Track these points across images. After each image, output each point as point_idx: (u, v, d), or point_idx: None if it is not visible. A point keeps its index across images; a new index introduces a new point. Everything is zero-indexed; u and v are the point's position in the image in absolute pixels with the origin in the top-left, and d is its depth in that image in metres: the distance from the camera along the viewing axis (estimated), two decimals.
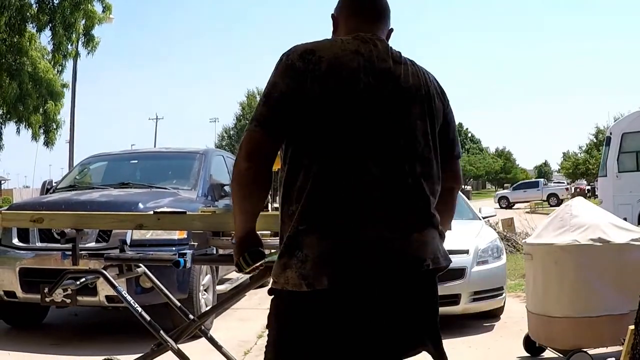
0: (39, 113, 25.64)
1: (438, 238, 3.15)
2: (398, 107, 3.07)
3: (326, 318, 2.89)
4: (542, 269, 7.31)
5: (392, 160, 3.01)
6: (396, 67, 3.13)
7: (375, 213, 2.94)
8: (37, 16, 23.97)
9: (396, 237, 2.95)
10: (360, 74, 3.00)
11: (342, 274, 2.86)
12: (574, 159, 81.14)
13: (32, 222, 5.86)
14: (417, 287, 3.06)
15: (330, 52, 3.04)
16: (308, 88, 2.96)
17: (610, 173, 18.15)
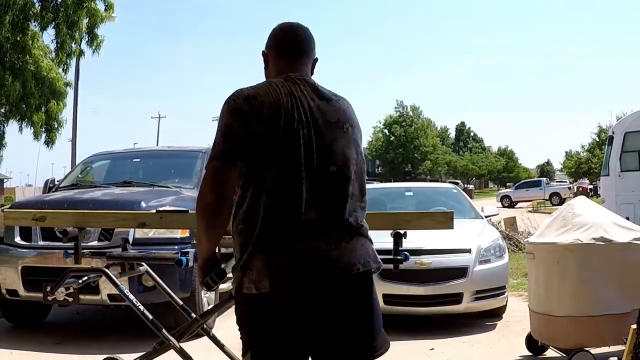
0: (41, 112, 25.63)
1: (368, 244, 3.67)
2: (328, 139, 3.57)
3: (272, 315, 3.46)
4: (545, 268, 7.31)
5: (325, 186, 3.54)
6: (323, 104, 3.64)
7: (309, 229, 3.47)
8: (40, 14, 23.97)
9: (329, 248, 3.47)
10: (294, 113, 3.51)
11: (280, 279, 3.41)
12: (576, 158, 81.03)
13: (35, 220, 5.88)
14: (350, 288, 3.56)
15: (269, 97, 3.53)
16: (253, 128, 3.47)
17: (613, 172, 18.12)
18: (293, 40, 3.85)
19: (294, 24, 3.92)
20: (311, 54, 3.89)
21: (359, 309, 3.62)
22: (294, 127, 3.49)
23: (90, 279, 5.86)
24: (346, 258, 3.52)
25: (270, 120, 3.47)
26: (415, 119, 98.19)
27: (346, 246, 3.53)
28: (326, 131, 3.58)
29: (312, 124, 3.54)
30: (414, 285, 9.13)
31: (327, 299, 3.48)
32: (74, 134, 34.56)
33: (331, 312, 3.50)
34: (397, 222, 5.37)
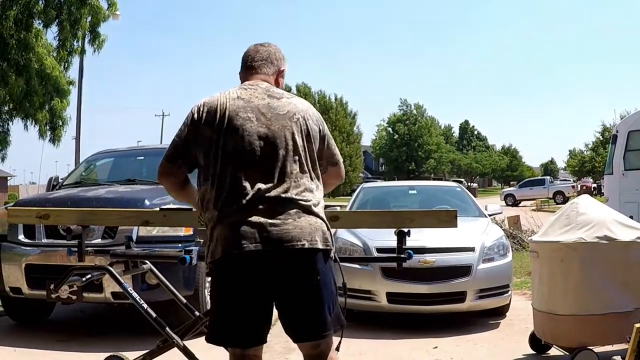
0: (45, 110, 25.60)
1: (319, 224, 4.22)
2: (277, 127, 4.26)
3: (226, 276, 4.18)
4: (548, 267, 7.31)
5: (274, 168, 4.19)
6: (273, 101, 4.37)
7: (257, 206, 4.10)
8: (44, 11, 23.96)
9: (273, 223, 4.06)
10: (240, 112, 4.25)
11: (228, 246, 4.09)
12: (580, 157, 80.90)
13: (38, 218, 5.87)
14: (294, 262, 4.11)
15: (216, 103, 4.31)
16: (201, 131, 4.28)
17: (617, 171, 18.07)
18: (249, 57, 4.67)
19: (257, 43, 4.76)
20: (272, 67, 4.67)
21: (304, 284, 4.15)
22: (238, 123, 4.22)
23: (93, 276, 5.86)
24: (289, 233, 4.08)
25: (216, 121, 4.25)
26: (419, 118, 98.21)
27: (292, 222, 4.11)
28: (275, 122, 4.27)
29: (259, 118, 4.26)
30: (417, 284, 9.13)
31: (273, 269, 4.09)
32: (78, 132, 34.63)
33: (277, 282, 4.13)
34: (400, 221, 5.38)
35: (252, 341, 4.26)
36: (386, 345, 8.34)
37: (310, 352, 4.29)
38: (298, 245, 4.07)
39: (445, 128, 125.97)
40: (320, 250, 4.17)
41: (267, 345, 4.47)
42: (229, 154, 4.20)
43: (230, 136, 4.21)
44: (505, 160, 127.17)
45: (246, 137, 4.20)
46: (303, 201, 4.18)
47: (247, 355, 4.31)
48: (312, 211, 4.20)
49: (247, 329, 4.19)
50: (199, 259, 5.58)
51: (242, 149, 4.19)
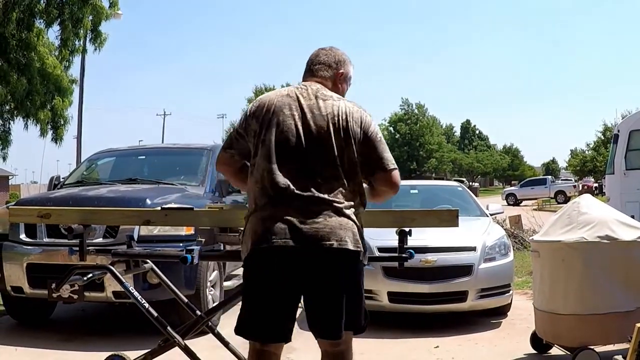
0: (47, 109, 25.59)
1: (350, 225, 4.24)
2: (317, 127, 4.33)
3: (253, 270, 4.32)
4: (549, 266, 7.31)
5: (310, 166, 4.27)
6: (319, 102, 4.43)
7: (290, 203, 4.19)
8: (46, 11, 23.95)
9: (304, 221, 4.14)
10: (284, 108, 4.38)
11: (257, 241, 4.21)
12: (581, 157, 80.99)
13: (40, 217, 5.87)
14: (322, 260, 4.16)
15: (266, 99, 4.52)
16: (250, 124, 4.47)
17: (618, 170, 18.04)
18: (310, 60, 4.80)
19: (320, 47, 4.90)
20: (330, 70, 4.75)
21: (330, 283, 4.21)
22: (280, 119, 4.35)
23: (95, 276, 5.87)
24: (319, 232, 4.14)
25: (262, 115, 4.42)
26: (421, 117, 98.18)
27: (323, 222, 4.16)
28: (315, 121, 4.34)
29: (301, 116, 4.35)
30: (419, 283, 9.13)
31: (300, 266, 4.18)
32: (79, 131, 34.60)
33: (304, 280, 4.22)
34: (402, 220, 5.37)
35: (272, 336, 4.33)
36: (387, 345, 8.34)
37: (329, 349, 4.37)
38: (327, 244, 4.13)
39: (447, 127, 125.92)
40: (350, 251, 4.21)
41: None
42: (267, 147, 4.32)
43: (271, 130, 4.34)
44: (507, 160, 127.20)
45: (284, 133, 4.31)
46: (335, 202, 4.24)
47: (267, 352, 4.38)
48: (344, 212, 4.25)
49: (269, 324, 4.28)
50: (201, 259, 5.59)
51: (279, 143, 4.30)
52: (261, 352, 4.36)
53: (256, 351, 4.38)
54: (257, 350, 4.37)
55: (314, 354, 5.26)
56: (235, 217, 5.63)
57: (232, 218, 5.69)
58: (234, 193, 10.47)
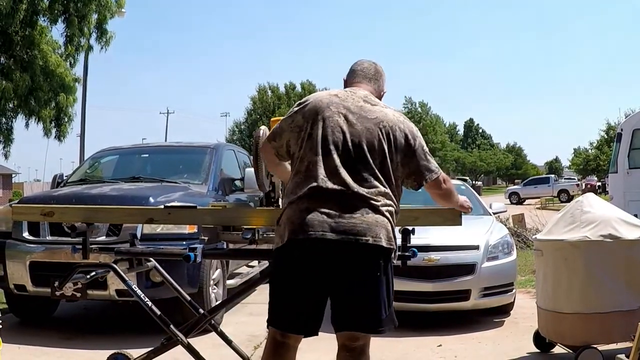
0: (50, 107, 25.61)
1: (385, 223, 4.32)
2: (360, 128, 4.43)
3: (287, 260, 4.34)
4: (553, 265, 7.30)
5: (350, 163, 4.35)
6: (366, 105, 4.57)
7: (329, 197, 4.26)
8: (50, 8, 23.98)
9: (342, 215, 4.22)
10: (331, 106, 4.50)
11: (295, 230, 4.25)
12: (584, 155, 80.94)
13: (43, 215, 5.87)
14: (357, 255, 4.23)
15: (314, 97, 4.65)
16: (295, 119, 4.59)
17: (621, 169, 18.03)
18: (360, 66, 4.96)
19: (369, 60, 5.05)
20: (374, 84, 4.91)
21: (364, 278, 4.27)
22: (326, 115, 4.46)
23: (98, 274, 5.87)
24: (356, 227, 4.20)
25: (308, 111, 4.54)
26: (424, 116, 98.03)
27: (360, 217, 4.23)
28: (361, 123, 4.45)
29: (347, 115, 4.46)
30: (422, 282, 9.13)
31: (335, 259, 4.22)
32: (83, 129, 34.60)
33: (337, 273, 4.25)
34: (405, 219, 5.36)
35: (305, 329, 4.40)
36: (390, 343, 8.33)
37: (348, 343, 4.38)
38: (363, 240, 4.20)
39: (450, 126, 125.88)
40: (384, 248, 4.29)
41: None
42: (312, 140, 4.43)
43: (317, 125, 4.45)
44: (510, 159, 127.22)
45: (329, 128, 4.42)
46: (373, 200, 4.31)
47: (286, 344, 4.43)
48: (380, 210, 4.32)
49: (301, 316, 4.35)
50: (204, 257, 5.59)
51: (324, 138, 4.40)
52: (281, 343, 4.42)
53: (275, 341, 4.44)
54: (277, 342, 4.43)
55: (319, 354, 5.28)
56: (238, 216, 5.64)
57: (235, 216, 5.70)
58: (237, 191, 10.49)
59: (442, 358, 7.89)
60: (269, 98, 75.96)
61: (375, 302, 4.29)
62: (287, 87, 77.34)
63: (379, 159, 4.41)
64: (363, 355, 4.41)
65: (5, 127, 26.21)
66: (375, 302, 4.29)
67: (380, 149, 4.42)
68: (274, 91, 76.92)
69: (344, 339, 4.37)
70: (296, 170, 4.47)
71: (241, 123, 77.86)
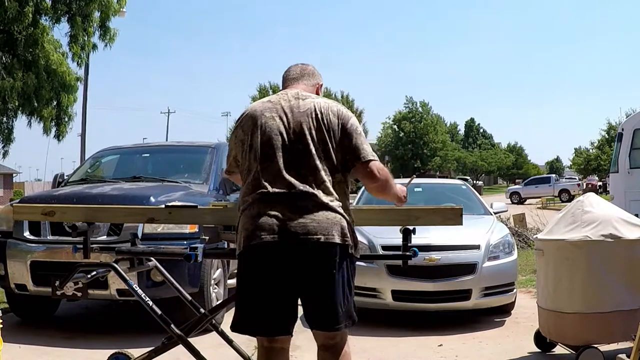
0: (52, 106, 25.61)
1: (337, 218, 4.36)
2: (296, 124, 4.49)
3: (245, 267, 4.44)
4: (553, 265, 7.30)
5: (292, 162, 4.41)
6: (298, 101, 4.61)
7: (276, 199, 4.33)
8: (52, 7, 23.99)
9: (291, 217, 4.27)
10: (265, 112, 4.58)
11: (247, 237, 4.35)
12: (585, 155, 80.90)
13: (44, 215, 5.88)
14: (310, 255, 4.27)
15: (250, 108, 4.71)
16: (237, 135, 4.71)
17: (622, 169, 18.03)
18: (286, 73, 5.03)
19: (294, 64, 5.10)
20: (306, 81, 4.96)
21: (319, 276, 4.31)
22: (262, 121, 4.53)
23: (99, 273, 5.87)
24: (307, 227, 4.26)
25: (245, 122, 4.65)
26: (425, 115, 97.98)
27: (310, 217, 4.29)
28: (296, 119, 4.50)
29: (282, 117, 4.52)
30: (422, 281, 9.12)
31: (290, 261, 4.28)
32: (84, 129, 34.59)
33: (295, 274, 4.30)
34: (406, 218, 5.37)
35: (273, 330, 4.42)
36: (391, 343, 8.34)
37: (325, 342, 4.45)
38: (314, 238, 4.24)
39: (451, 126, 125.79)
40: (338, 244, 4.32)
41: None
42: (253, 149, 4.50)
43: (256, 134, 4.51)
44: (511, 158, 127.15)
45: (267, 133, 4.47)
46: (322, 196, 4.36)
47: (274, 348, 4.49)
48: (330, 206, 4.36)
49: (267, 319, 4.36)
50: (205, 256, 5.59)
51: (264, 144, 4.46)
52: (269, 348, 4.48)
53: (264, 348, 4.51)
54: (265, 347, 4.50)
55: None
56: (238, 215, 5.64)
57: (235, 216, 5.67)
58: (237, 191, 10.47)
59: (443, 358, 7.89)
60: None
61: (332, 300, 4.31)
62: None
63: (320, 147, 4.45)
64: (341, 352, 4.46)
65: (5, 126, 26.20)
66: (332, 299, 4.31)
67: (320, 139, 4.46)
68: (274, 90, 76.80)
69: (320, 338, 4.46)
70: (244, 181, 4.58)
71: None
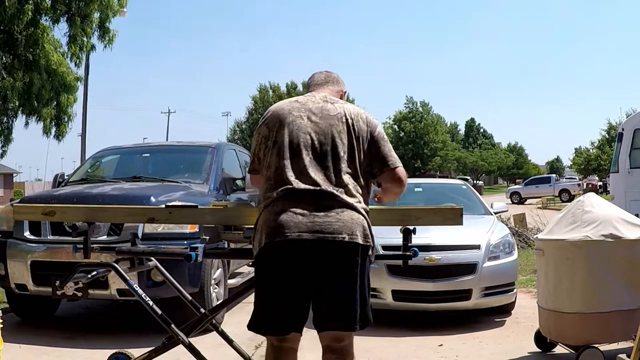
0: (52, 106, 25.61)
1: (361, 220, 4.37)
2: (325, 126, 4.53)
3: (271, 263, 4.34)
4: (554, 265, 7.30)
5: (319, 162, 4.44)
6: (326, 104, 4.67)
7: (302, 197, 4.31)
8: (52, 7, 23.99)
9: (316, 214, 4.26)
10: (293, 111, 4.61)
11: (271, 233, 4.28)
12: (586, 155, 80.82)
13: (44, 215, 5.87)
14: (333, 253, 4.26)
15: (275, 106, 4.76)
16: (261, 132, 4.68)
17: (622, 169, 18.02)
18: (312, 79, 5.10)
19: (319, 71, 5.16)
20: (330, 87, 4.99)
21: (340, 276, 4.30)
22: (290, 120, 4.55)
23: (99, 273, 5.87)
24: (332, 225, 4.25)
25: (270, 120, 4.65)
26: (425, 115, 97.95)
27: (335, 216, 4.28)
28: (325, 121, 4.54)
29: (310, 117, 4.56)
30: (423, 281, 9.12)
31: (312, 259, 4.25)
32: (84, 129, 34.66)
33: (316, 272, 4.27)
34: (406, 218, 5.36)
35: (289, 328, 4.38)
36: (392, 343, 8.34)
37: (331, 344, 4.41)
38: (339, 237, 4.24)
39: (451, 126, 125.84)
40: (360, 245, 4.33)
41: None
42: (278, 145, 4.51)
43: (282, 131, 4.53)
44: (511, 158, 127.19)
45: (295, 131, 4.50)
46: (346, 196, 4.37)
47: (283, 348, 4.45)
48: (355, 207, 4.38)
49: (284, 318, 4.35)
50: (205, 256, 5.59)
51: (291, 141, 4.48)
52: (279, 348, 4.45)
53: (274, 347, 4.47)
54: (275, 347, 4.46)
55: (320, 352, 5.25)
56: (239, 215, 5.63)
57: (236, 216, 5.69)
58: (238, 191, 10.48)
59: (443, 357, 7.89)
60: (270, 97, 75.77)
61: (351, 300, 4.31)
62: (289, 86, 77.23)
63: (347, 151, 4.50)
64: (348, 355, 4.45)
65: (5, 126, 26.21)
66: (351, 299, 4.31)
67: (348, 142, 4.51)
68: (275, 90, 76.81)
69: (327, 339, 4.42)
70: (267, 177, 4.54)
71: (242, 122, 77.72)
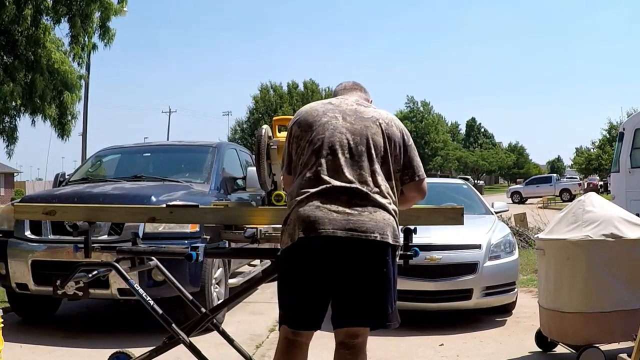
0: (55, 105, 25.60)
1: (392, 220, 4.42)
2: (359, 127, 4.59)
3: (299, 258, 4.37)
4: (555, 264, 7.30)
5: (354, 161, 4.48)
6: (359, 107, 4.75)
7: (337, 195, 4.35)
8: (53, 8, 24.00)
9: (351, 212, 4.30)
10: (328, 112, 4.69)
11: (307, 228, 4.29)
12: (586, 155, 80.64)
13: (45, 214, 5.88)
14: (365, 251, 4.30)
15: (308, 107, 4.84)
16: (294, 130, 4.73)
17: (623, 169, 18.01)
18: (341, 85, 5.20)
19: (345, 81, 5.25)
20: (360, 94, 5.06)
21: (372, 274, 4.33)
22: (325, 120, 4.61)
23: (100, 273, 5.87)
24: (365, 224, 4.28)
25: (302, 120, 4.71)
26: (426, 115, 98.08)
27: (368, 215, 4.31)
28: (359, 122, 4.61)
29: (345, 117, 4.63)
30: (424, 281, 9.12)
31: (345, 256, 4.28)
32: (85, 128, 34.73)
33: (345, 269, 4.30)
34: (407, 218, 5.35)
35: (315, 324, 4.44)
36: (392, 342, 8.33)
37: (347, 340, 4.40)
38: (371, 236, 4.28)
39: (452, 125, 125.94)
40: (390, 245, 4.38)
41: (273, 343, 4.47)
42: (315, 145, 4.53)
43: (316, 130, 4.59)
44: (512, 158, 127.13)
45: (330, 130, 4.56)
46: (379, 197, 4.42)
47: (297, 342, 4.48)
48: (387, 208, 4.43)
49: (313, 312, 4.41)
50: (206, 256, 5.59)
51: (326, 140, 4.52)
52: (293, 342, 4.47)
53: (288, 340, 4.48)
54: (290, 340, 4.47)
55: (320, 350, 5.27)
56: (240, 215, 5.64)
57: (237, 215, 5.70)
58: (239, 190, 10.49)
59: (444, 357, 7.89)
60: (272, 97, 75.99)
61: (383, 298, 4.35)
62: (290, 86, 77.41)
63: (381, 154, 4.55)
64: (362, 352, 4.44)
65: (9, 126, 26.22)
66: (383, 297, 4.35)
67: (382, 145, 4.56)
68: (276, 90, 76.95)
69: (343, 336, 4.40)
70: (301, 174, 4.55)
71: (243, 122, 77.85)
